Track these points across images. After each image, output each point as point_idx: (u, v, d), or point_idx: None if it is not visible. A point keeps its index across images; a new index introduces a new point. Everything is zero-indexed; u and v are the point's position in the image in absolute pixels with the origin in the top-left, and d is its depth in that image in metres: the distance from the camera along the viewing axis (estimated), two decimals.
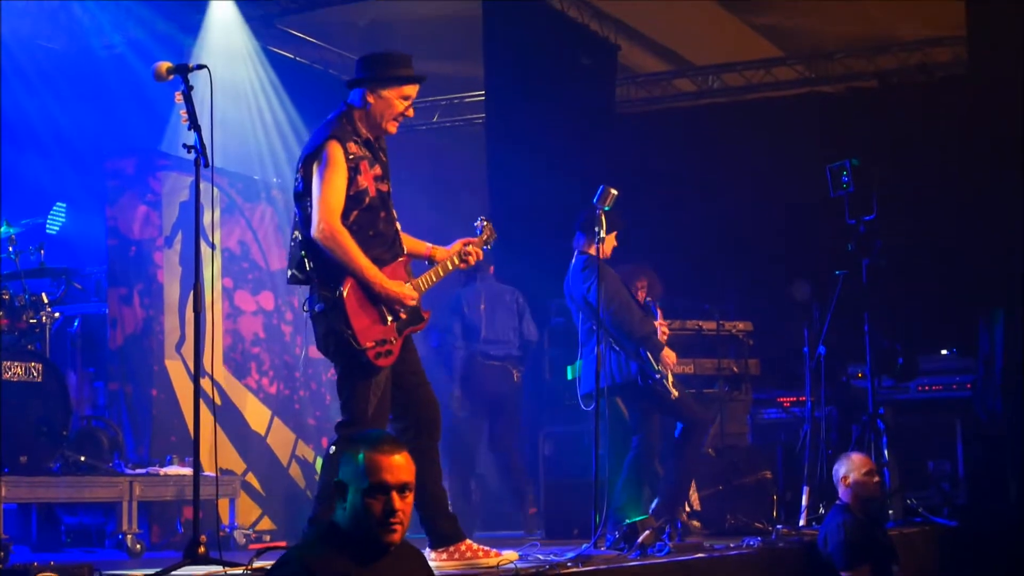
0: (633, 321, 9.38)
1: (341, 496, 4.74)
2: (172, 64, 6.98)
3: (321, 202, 6.72)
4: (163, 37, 13.32)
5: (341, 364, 6.85)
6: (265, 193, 12.97)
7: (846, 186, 10.92)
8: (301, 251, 6.87)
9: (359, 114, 7.09)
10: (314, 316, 6.86)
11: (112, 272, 11.42)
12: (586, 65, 15.42)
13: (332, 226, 6.68)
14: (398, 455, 4.76)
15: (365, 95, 7.10)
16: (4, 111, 12.33)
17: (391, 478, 4.69)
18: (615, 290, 9.45)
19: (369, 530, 4.68)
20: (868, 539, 8.81)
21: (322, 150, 6.84)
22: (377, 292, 6.76)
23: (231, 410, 11.98)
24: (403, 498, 4.73)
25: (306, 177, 6.85)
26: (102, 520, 10.07)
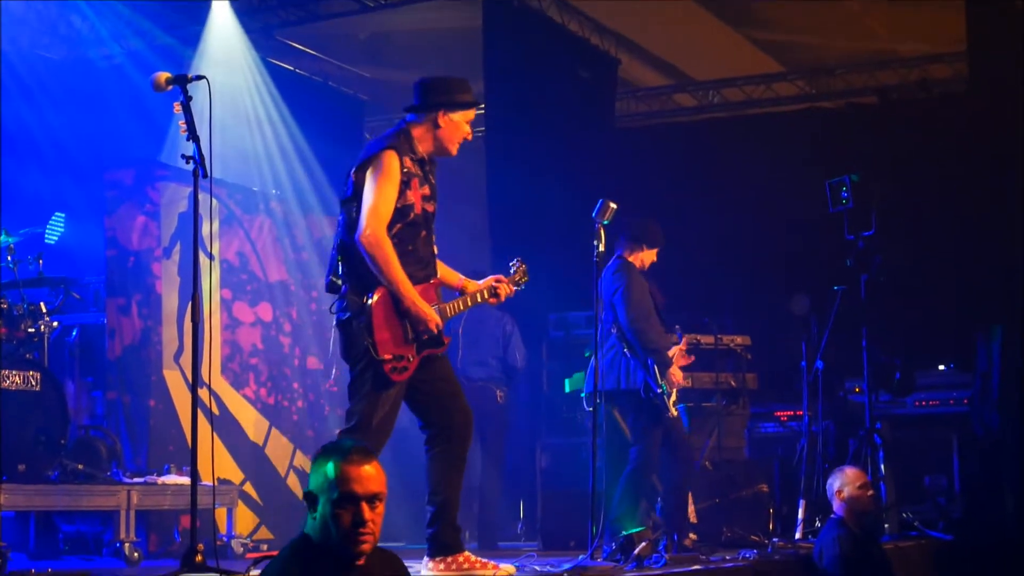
0: (649, 332, 9.41)
1: (312, 507, 4.72)
2: (171, 75, 7.03)
3: (371, 208, 6.81)
4: (162, 48, 13.38)
5: (357, 370, 6.92)
6: (264, 205, 13.02)
7: (845, 202, 10.98)
8: (339, 256, 6.97)
9: (419, 133, 7.18)
10: (339, 323, 6.96)
11: (110, 282, 11.46)
12: (586, 79, 15.47)
13: (377, 233, 6.76)
14: (368, 465, 4.72)
15: (437, 117, 7.17)
16: (3, 121, 12.38)
17: (360, 488, 4.66)
18: (639, 299, 9.49)
19: (338, 541, 4.67)
20: (863, 553, 8.84)
21: (379, 158, 6.93)
22: (407, 307, 6.84)
23: (229, 420, 12.03)
24: (373, 508, 4.69)
25: (358, 182, 6.94)
26: (100, 528, 10.09)
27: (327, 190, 14.20)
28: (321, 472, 4.70)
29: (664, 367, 9.41)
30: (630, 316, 9.41)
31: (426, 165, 7.18)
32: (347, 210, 6.98)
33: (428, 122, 7.21)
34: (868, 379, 10.95)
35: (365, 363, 6.85)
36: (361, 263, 6.86)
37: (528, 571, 7.31)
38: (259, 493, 12.20)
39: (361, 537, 4.66)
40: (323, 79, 15.79)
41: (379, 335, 6.78)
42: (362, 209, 6.84)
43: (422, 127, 7.22)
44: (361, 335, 6.79)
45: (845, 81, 16.19)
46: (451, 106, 7.25)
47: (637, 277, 9.49)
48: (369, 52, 16.11)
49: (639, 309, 9.44)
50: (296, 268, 13.15)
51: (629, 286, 9.42)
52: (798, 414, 11.72)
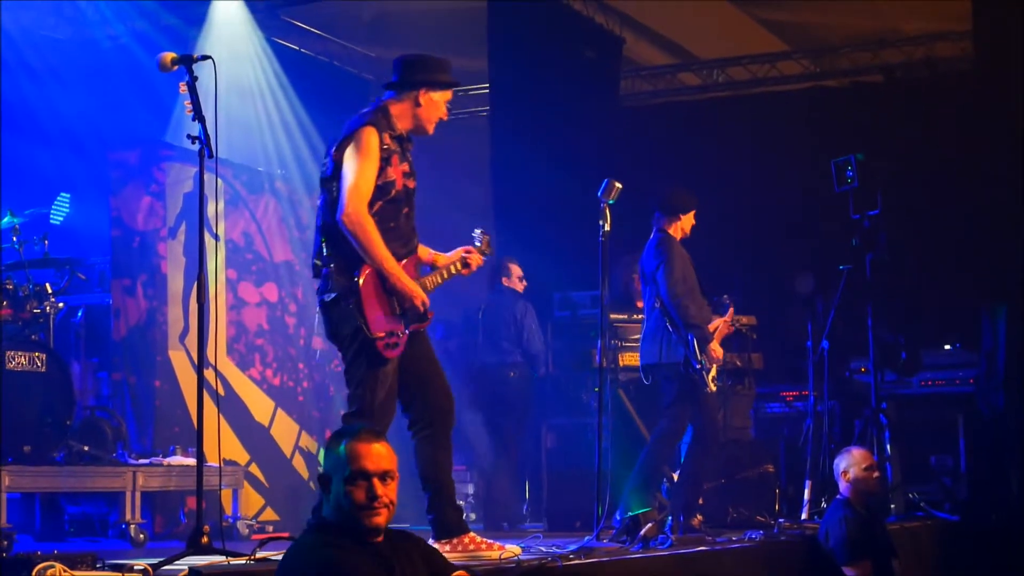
0: (691, 307, 9.38)
1: (326, 488, 4.84)
2: (176, 55, 7.00)
3: (352, 187, 6.80)
4: (167, 28, 13.34)
5: (350, 353, 6.90)
6: (269, 185, 13.00)
7: (850, 181, 10.95)
8: (322, 237, 6.97)
9: (398, 110, 7.17)
10: (325, 304, 6.95)
11: (116, 263, 11.44)
12: (591, 58, 15.43)
13: (359, 211, 6.76)
14: (378, 444, 4.85)
15: (418, 95, 7.14)
16: (8, 101, 12.35)
17: (371, 465, 4.78)
18: (683, 274, 9.48)
19: (354, 517, 4.77)
20: (868, 534, 8.84)
21: (359, 135, 6.90)
22: (393, 284, 6.83)
23: (235, 401, 12.02)
24: (384, 484, 4.80)
25: (338, 161, 6.92)
26: (105, 510, 10.10)
27: None
28: (333, 454, 4.82)
29: (704, 343, 9.39)
30: (672, 291, 9.40)
31: (404, 142, 7.16)
32: (328, 189, 6.97)
33: (409, 100, 7.20)
34: (874, 359, 10.93)
35: (358, 344, 6.84)
36: (344, 242, 6.85)
37: (534, 552, 7.29)
38: (265, 474, 12.19)
39: (375, 508, 4.76)
40: (328, 59, 15.74)
41: (371, 314, 6.77)
42: (342, 188, 6.83)
43: (402, 104, 7.20)
44: (351, 315, 6.78)
45: (850, 60, 16.13)
46: (433, 85, 7.25)
47: (678, 251, 9.51)
48: (373, 32, 16.05)
49: (682, 285, 9.44)
50: (301, 248, 13.12)
51: (670, 260, 9.43)
52: (804, 394, 11.69)
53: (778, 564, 8.72)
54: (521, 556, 6.94)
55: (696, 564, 7.85)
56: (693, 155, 15.59)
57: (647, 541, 7.90)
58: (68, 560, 5.71)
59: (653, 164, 15.04)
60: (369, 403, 6.83)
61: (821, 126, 14.81)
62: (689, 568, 7.78)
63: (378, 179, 6.88)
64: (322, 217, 7.00)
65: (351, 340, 6.84)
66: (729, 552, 8.31)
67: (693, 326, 9.36)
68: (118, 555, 7.07)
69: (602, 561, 7.22)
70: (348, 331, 6.82)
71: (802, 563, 8.93)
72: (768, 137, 15.31)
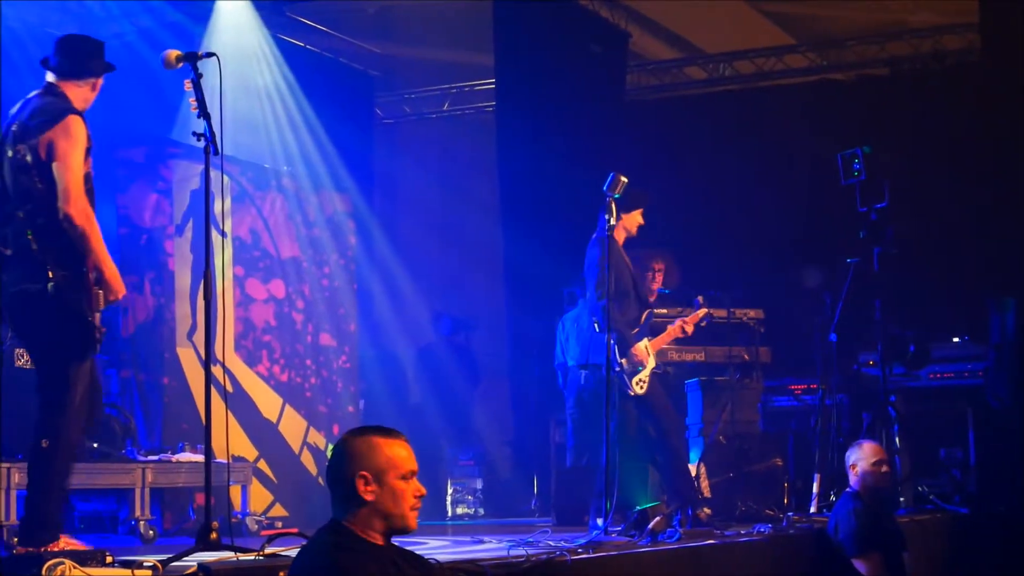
0: (612, 310, 9.49)
1: (366, 486, 4.83)
2: (181, 52, 7.02)
3: (71, 179, 6.51)
4: (172, 25, 13.34)
5: (57, 344, 6.62)
6: (276, 181, 13.03)
7: (857, 174, 10.95)
8: (27, 229, 6.56)
9: (75, 94, 6.88)
10: (33, 295, 6.52)
11: (123, 260, 11.42)
12: (597, 53, 15.43)
13: (80, 203, 6.52)
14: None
15: (96, 82, 6.98)
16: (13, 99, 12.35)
17: (415, 465, 4.94)
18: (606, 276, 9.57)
19: (403, 514, 4.88)
20: (878, 527, 8.84)
21: (67, 124, 6.63)
22: (106, 277, 6.59)
23: (243, 397, 12.05)
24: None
25: (40, 148, 6.59)
26: (115, 507, 10.11)
27: (338, 166, 14.21)
28: (382, 453, 4.88)
29: (624, 346, 9.56)
30: (596, 293, 9.55)
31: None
32: (30, 178, 6.59)
33: (87, 86, 6.98)
34: (882, 352, 10.92)
35: (72, 335, 6.56)
36: (60, 234, 6.52)
37: (543, 546, 7.30)
38: (273, 470, 12.22)
39: (417, 510, 4.93)
40: (333, 55, 15.74)
41: (93, 304, 6.55)
42: (60, 179, 6.50)
43: (80, 90, 6.94)
44: (69, 306, 6.50)
45: (856, 53, 16.11)
46: (104, 71, 7.07)
47: (612, 252, 9.52)
48: (379, 27, 16.06)
49: (604, 286, 9.47)
50: (308, 244, 13.16)
51: (598, 263, 9.49)
52: (812, 387, 11.69)
53: (787, 557, 8.72)
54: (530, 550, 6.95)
55: (704, 557, 7.87)
56: (699, 149, 15.62)
57: (655, 535, 7.92)
58: (78, 556, 5.74)
59: (659, 158, 15.07)
60: (72, 398, 6.60)
61: (828, 120, 14.82)
62: (698, 561, 7.80)
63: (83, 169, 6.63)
64: (28, 204, 6.57)
65: (62, 331, 6.56)
66: (738, 545, 8.31)
67: (613, 329, 9.44)
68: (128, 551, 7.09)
69: (610, 555, 7.23)
70: (58, 322, 6.53)
71: (811, 556, 8.93)
72: (775, 131, 15.32)
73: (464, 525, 12.55)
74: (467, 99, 17.28)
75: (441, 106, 17.41)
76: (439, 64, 16.92)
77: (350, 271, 13.76)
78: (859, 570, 8.69)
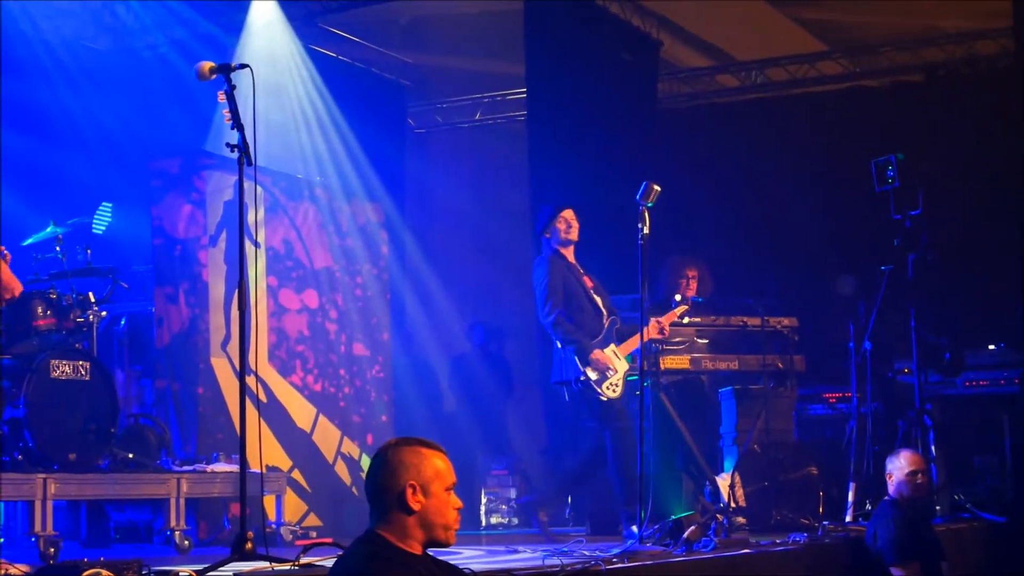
0: (559, 326, 9.93)
1: (414, 496, 4.87)
2: (215, 64, 7.06)
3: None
4: (206, 37, 13.40)
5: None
6: (308, 192, 13.05)
7: (891, 181, 10.91)
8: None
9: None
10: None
11: (158, 271, 11.50)
12: (628, 61, 15.41)
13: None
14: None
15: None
16: (50, 112, 12.46)
17: (455, 478, 4.99)
18: (550, 293, 9.84)
19: (444, 525, 4.93)
20: (917, 535, 8.81)
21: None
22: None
23: (276, 407, 12.07)
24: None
25: None
26: (150, 517, 10.15)
27: (371, 176, 14.23)
28: (431, 464, 4.93)
29: (584, 354, 9.82)
30: (543, 312, 9.98)
31: None
32: None
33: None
34: (917, 360, 10.88)
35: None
36: None
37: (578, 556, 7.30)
38: (307, 480, 12.24)
39: (458, 523, 5.01)
40: (365, 66, 15.78)
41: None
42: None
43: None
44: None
45: (890, 59, 16.08)
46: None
47: (551, 270, 10.03)
48: (411, 37, 16.10)
49: (549, 303, 9.93)
50: (341, 254, 13.18)
51: (539, 282, 10.03)
52: (846, 396, 11.64)
53: (823, 566, 8.70)
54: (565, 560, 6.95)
55: (740, 567, 7.86)
56: (732, 157, 15.59)
57: (691, 544, 7.91)
58: (114, 567, 5.76)
59: (692, 166, 15.06)
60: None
61: (861, 126, 14.78)
62: (733, 571, 7.78)
63: None
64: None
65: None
66: (773, 554, 8.29)
67: (569, 341, 9.85)
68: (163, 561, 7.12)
69: (645, 564, 7.22)
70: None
71: (848, 565, 8.90)
72: (808, 138, 15.29)
73: (498, 535, 12.54)
74: (499, 108, 17.30)
75: (473, 115, 17.43)
76: (471, 74, 16.94)
77: (383, 280, 13.78)
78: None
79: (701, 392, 11.25)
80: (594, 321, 10.12)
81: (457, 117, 17.57)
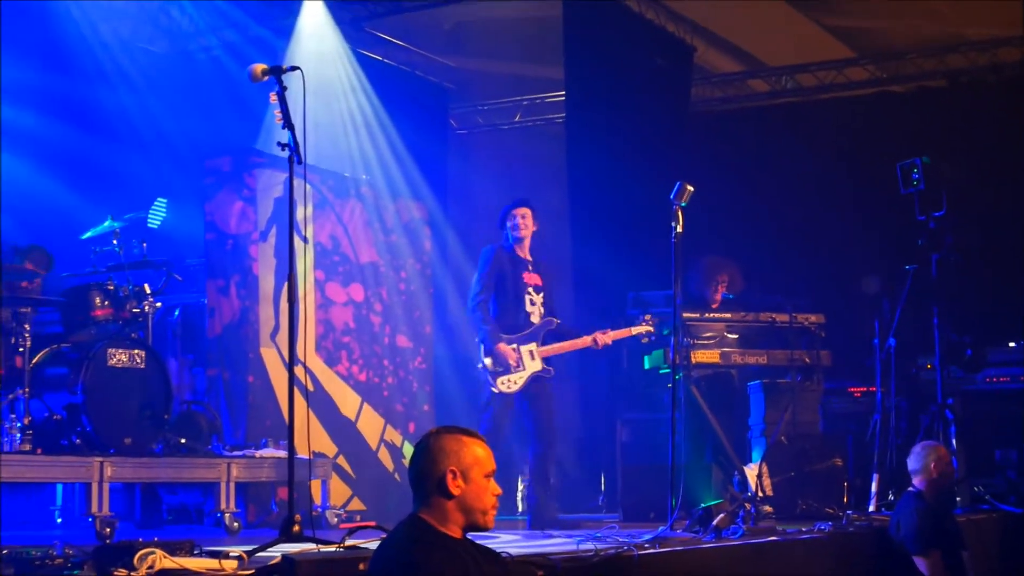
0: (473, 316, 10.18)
1: (454, 482, 4.91)
2: (267, 66, 7.08)
3: None
4: (257, 40, 13.46)
5: None
6: (355, 190, 13.09)
7: (916, 183, 10.88)
8: None
9: None
10: None
11: (210, 264, 11.55)
12: (663, 66, 15.39)
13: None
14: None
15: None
16: (109, 111, 12.53)
17: (494, 466, 5.04)
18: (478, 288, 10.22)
19: (483, 510, 4.97)
20: (939, 526, 8.78)
21: None
22: None
23: (323, 396, 12.10)
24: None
25: None
26: (201, 499, 10.21)
27: (415, 174, 14.25)
28: (471, 451, 4.98)
29: (488, 344, 10.04)
30: (469, 299, 10.29)
31: None
32: None
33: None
34: (939, 356, 10.85)
35: None
36: None
37: (611, 541, 7.31)
38: (352, 466, 12.27)
39: (496, 508, 5.06)
40: (409, 69, 15.79)
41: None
42: None
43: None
44: None
45: (915, 65, 16.00)
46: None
47: (490, 261, 10.21)
48: (453, 41, 16.11)
49: (475, 293, 10.19)
50: (386, 250, 13.21)
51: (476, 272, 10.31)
52: (871, 390, 11.63)
53: (847, 554, 8.69)
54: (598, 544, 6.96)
55: (767, 554, 7.85)
56: (762, 159, 15.57)
57: (719, 531, 7.92)
58: (167, 547, 5.79)
59: (724, 168, 15.03)
60: None
61: (887, 130, 14.74)
62: (760, 557, 7.78)
63: None
64: None
65: None
66: (799, 542, 8.28)
67: (479, 329, 10.13)
68: (214, 542, 7.15)
69: (676, 550, 7.23)
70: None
71: (871, 554, 8.88)
72: (835, 141, 15.26)
73: None
74: (538, 111, 17.29)
75: (513, 117, 17.43)
76: (511, 77, 16.94)
77: (426, 276, 13.81)
78: (920, 568, 8.65)
79: (731, 385, 11.23)
80: (517, 317, 10.24)
81: (498, 119, 17.57)
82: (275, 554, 5.89)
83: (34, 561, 5.72)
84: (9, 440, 8.41)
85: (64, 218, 11.32)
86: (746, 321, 11.17)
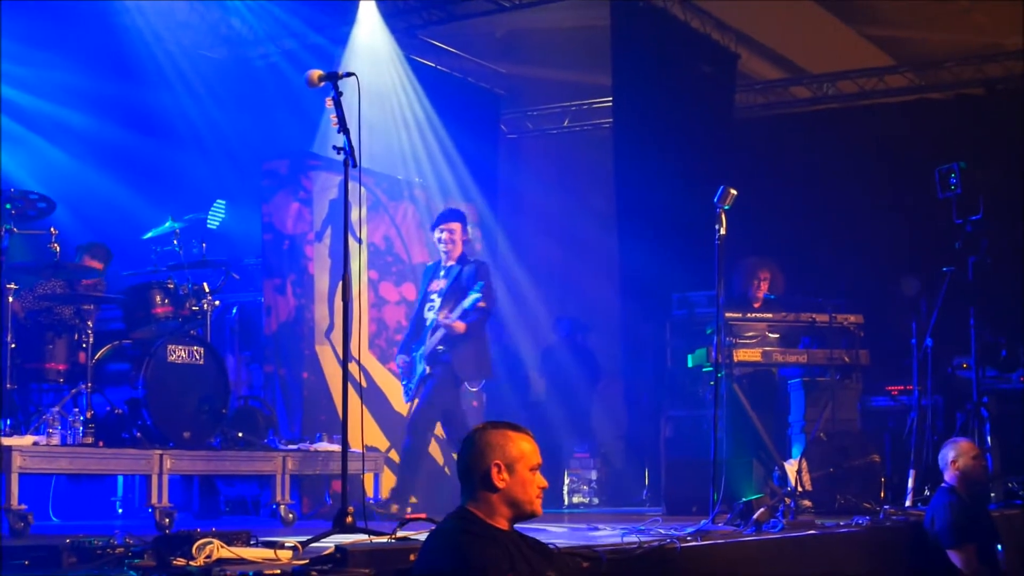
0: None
1: (499, 475, 4.94)
2: (323, 72, 7.07)
3: None
4: (314, 47, 13.50)
5: None
6: (408, 192, 13.10)
7: (954, 188, 10.80)
8: None
9: None
10: None
11: (267, 264, 11.59)
12: (708, 73, 15.35)
13: None
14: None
15: None
16: (170, 116, 12.59)
17: (540, 459, 5.06)
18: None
19: (530, 501, 5.00)
20: (973, 520, 8.72)
21: None
22: None
23: (376, 392, 12.11)
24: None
25: None
26: (257, 491, 10.25)
27: (465, 177, 14.25)
28: (516, 445, 5.01)
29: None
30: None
31: None
32: None
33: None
34: (975, 356, 10.78)
35: None
36: None
37: (654, 534, 7.28)
38: None
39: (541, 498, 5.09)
40: (462, 75, 15.81)
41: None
42: None
43: None
44: None
45: (953, 73, 15.91)
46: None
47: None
48: (505, 49, 16.11)
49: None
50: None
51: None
52: (908, 389, 11.55)
53: (883, 548, 8.64)
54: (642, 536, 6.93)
55: (806, 547, 7.82)
56: (804, 164, 15.51)
57: (760, 525, 7.87)
58: (225, 537, 5.80)
59: (766, 173, 14.98)
60: None
61: (926, 136, 14.66)
62: (799, 550, 7.74)
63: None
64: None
65: None
66: (837, 536, 8.25)
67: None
68: (269, 533, 7.16)
69: (717, 543, 7.20)
70: None
71: (907, 547, 8.83)
72: (875, 147, 15.18)
73: (580, 513, 12.54)
74: (586, 116, 17.27)
75: (562, 122, 17.42)
76: (560, 83, 16.93)
77: None
78: (954, 561, 8.59)
79: (771, 383, 11.16)
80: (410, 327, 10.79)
81: (547, 124, 17.57)
82: (329, 544, 5.89)
83: (96, 550, 5.75)
84: (72, 433, 8.43)
85: (127, 218, 11.39)
86: (787, 321, 11.10)
